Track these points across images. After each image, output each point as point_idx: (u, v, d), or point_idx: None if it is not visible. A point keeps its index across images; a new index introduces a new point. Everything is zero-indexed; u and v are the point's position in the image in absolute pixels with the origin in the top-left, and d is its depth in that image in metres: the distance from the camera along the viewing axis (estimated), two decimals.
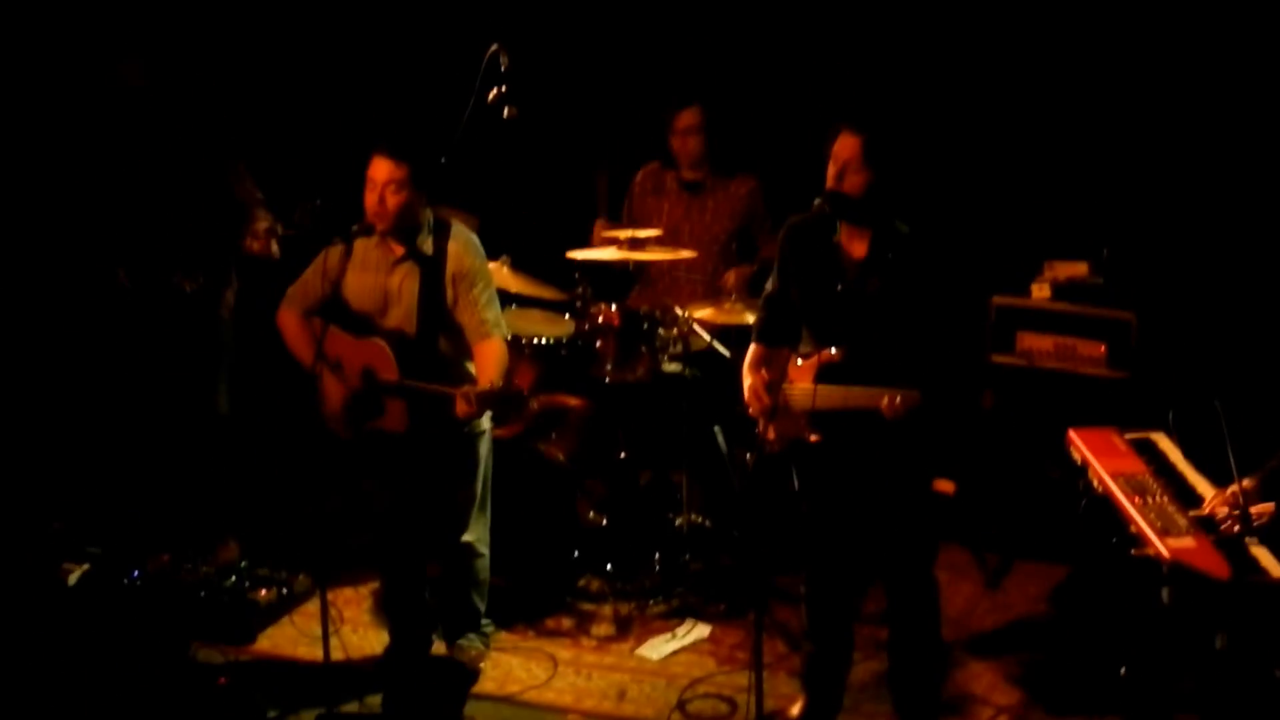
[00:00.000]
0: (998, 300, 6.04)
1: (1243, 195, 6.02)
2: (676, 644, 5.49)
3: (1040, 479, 5.68)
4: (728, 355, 5.68)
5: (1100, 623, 5.22)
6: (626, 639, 5.52)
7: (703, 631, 5.56)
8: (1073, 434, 4.77)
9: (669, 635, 5.54)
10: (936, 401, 4.31)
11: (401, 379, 4.90)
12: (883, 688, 4.94)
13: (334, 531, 5.62)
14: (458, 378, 4.97)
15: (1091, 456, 4.64)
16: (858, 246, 4.51)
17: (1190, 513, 4.31)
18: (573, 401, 6.06)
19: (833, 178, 4.44)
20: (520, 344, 5.81)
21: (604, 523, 5.89)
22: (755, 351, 4.71)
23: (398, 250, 5.02)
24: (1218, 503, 4.31)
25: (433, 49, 6.94)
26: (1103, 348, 5.88)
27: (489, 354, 4.99)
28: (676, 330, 5.78)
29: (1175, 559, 4.11)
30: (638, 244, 5.77)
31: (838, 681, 4.87)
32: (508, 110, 5.58)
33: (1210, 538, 4.18)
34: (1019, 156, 6.34)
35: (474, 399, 4.76)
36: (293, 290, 5.19)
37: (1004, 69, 6.33)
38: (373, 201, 4.92)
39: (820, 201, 4.47)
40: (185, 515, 5.99)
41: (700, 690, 5.18)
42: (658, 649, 5.45)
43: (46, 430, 6.55)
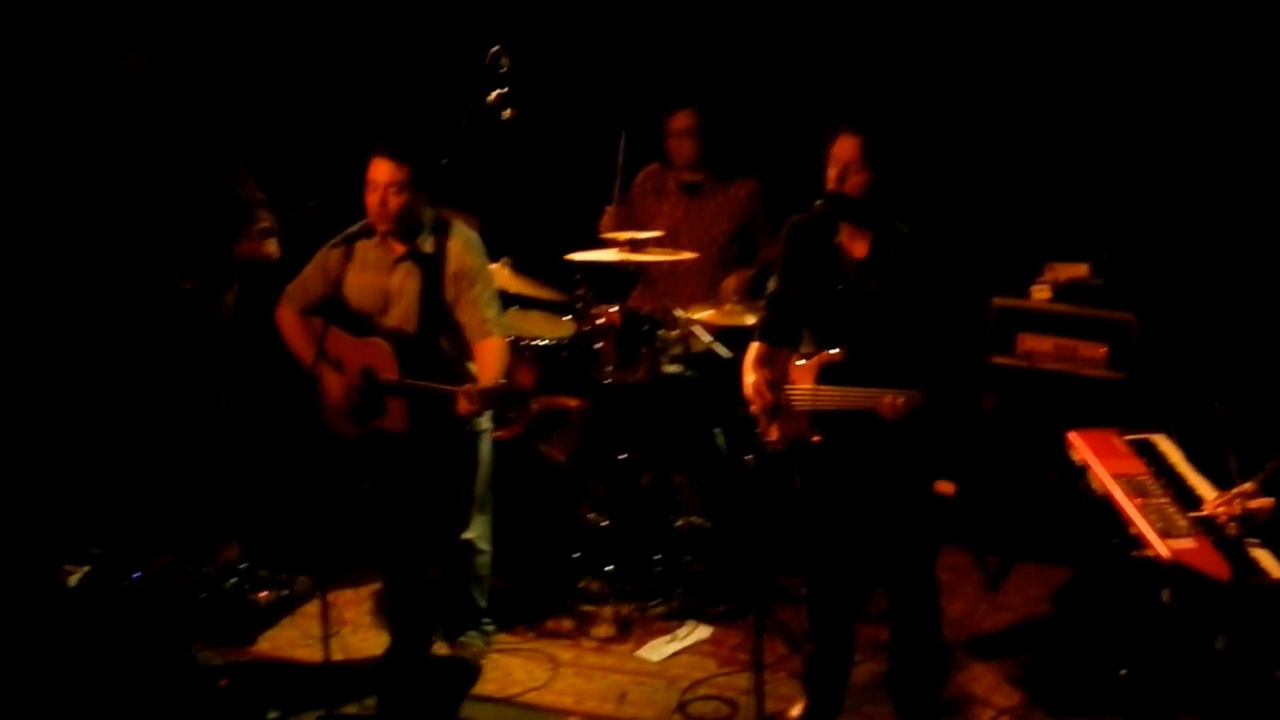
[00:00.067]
0: (998, 301, 6.04)
1: (1243, 197, 6.02)
2: (677, 645, 5.48)
3: (1041, 480, 5.68)
4: (728, 357, 5.68)
5: (1101, 624, 5.21)
6: (627, 640, 5.52)
7: (703, 633, 5.56)
8: (1073, 435, 4.78)
9: (670, 636, 5.54)
10: (938, 402, 4.32)
11: (402, 378, 4.90)
12: (883, 689, 4.94)
13: (334, 532, 5.62)
14: (458, 377, 4.97)
15: (1092, 458, 4.65)
16: (859, 247, 4.51)
17: (1190, 514, 4.31)
18: (573, 403, 6.06)
19: (833, 179, 4.44)
20: (521, 345, 5.81)
21: (604, 524, 5.89)
22: (757, 349, 4.71)
23: (398, 249, 5.03)
24: (1218, 504, 4.32)
25: (433, 50, 6.94)
26: (1103, 349, 5.88)
27: (490, 352, 4.99)
28: (677, 332, 5.79)
29: (1175, 560, 4.11)
30: (638, 245, 5.77)
31: (839, 682, 4.87)
32: (508, 111, 5.58)
33: (1210, 539, 4.19)
34: (1019, 158, 6.34)
35: (476, 396, 4.76)
36: (291, 288, 5.20)
37: (1004, 70, 6.33)
38: (374, 203, 4.93)
39: (821, 202, 4.47)
40: (186, 516, 5.99)
41: (701, 692, 5.18)
42: (658, 650, 5.45)
43: (47, 431, 6.54)
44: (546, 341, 5.87)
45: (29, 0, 6.71)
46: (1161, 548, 4.15)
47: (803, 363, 4.55)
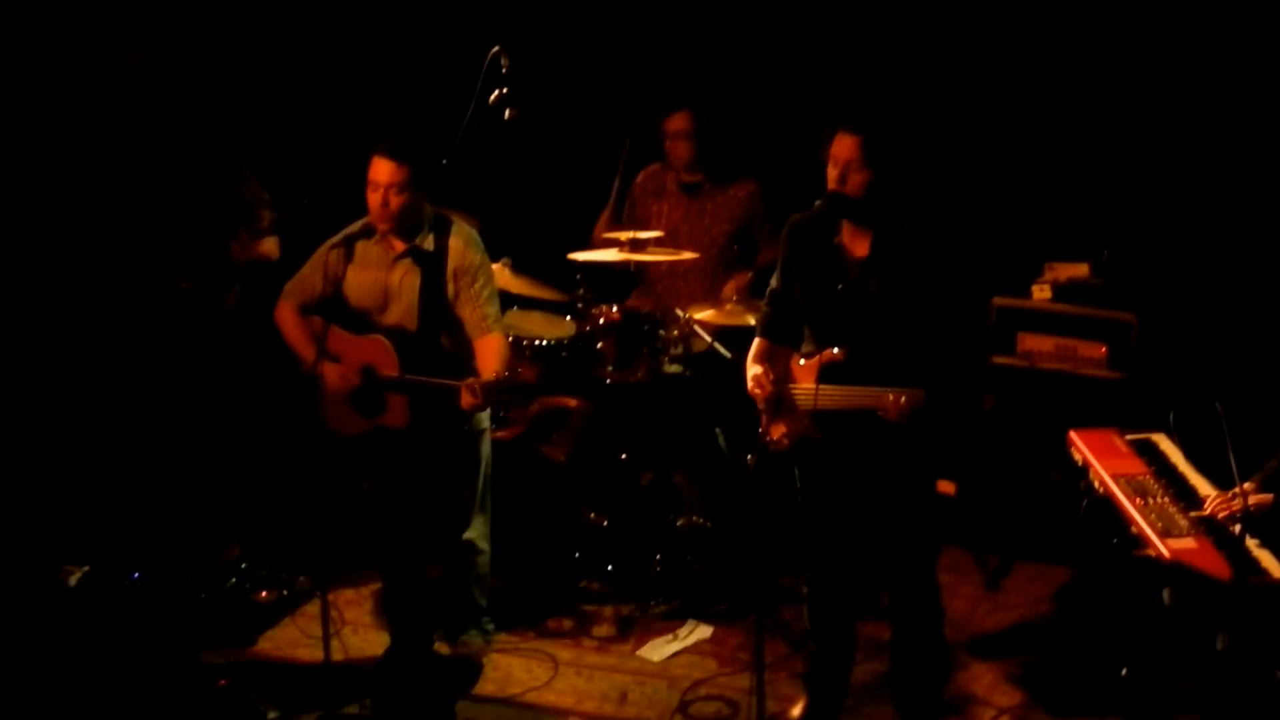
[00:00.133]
0: (998, 301, 6.04)
1: (1243, 197, 6.02)
2: (678, 645, 5.48)
3: (1041, 480, 5.68)
4: (729, 357, 5.68)
5: (1101, 624, 5.22)
6: (628, 640, 5.52)
7: (704, 632, 5.56)
8: (1073, 435, 4.78)
9: (670, 636, 5.53)
10: (939, 402, 4.32)
11: (403, 374, 4.90)
12: (884, 689, 4.94)
13: (334, 532, 5.62)
14: (459, 374, 4.96)
15: (1092, 457, 4.65)
16: (859, 246, 4.51)
17: (1191, 514, 4.31)
18: (573, 403, 6.06)
19: (834, 179, 4.44)
20: (521, 345, 5.81)
21: (605, 523, 5.89)
22: (759, 345, 4.71)
23: (398, 247, 5.02)
24: (1218, 503, 4.32)
25: (433, 50, 6.94)
26: (1103, 349, 5.88)
27: (491, 348, 4.98)
28: (677, 331, 5.79)
29: (1176, 560, 4.11)
30: (638, 245, 5.77)
31: (840, 682, 4.87)
32: (509, 112, 5.58)
33: (1211, 539, 4.19)
34: (1020, 158, 6.34)
35: (479, 390, 4.75)
36: (291, 286, 5.19)
37: (1004, 70, 6.33)
38: (376, 202, 4.92)
39: (821, 202, 4.47)
40: (186, 516, 5.98)
41: (702, 692, 5.17)
42: (659, 650, 5.45)
43: (47, 431, 6.54)
44: (547, 341, 5.88)
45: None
46: (1162, 547, 4.15)
47: (804, 362, 4.55)
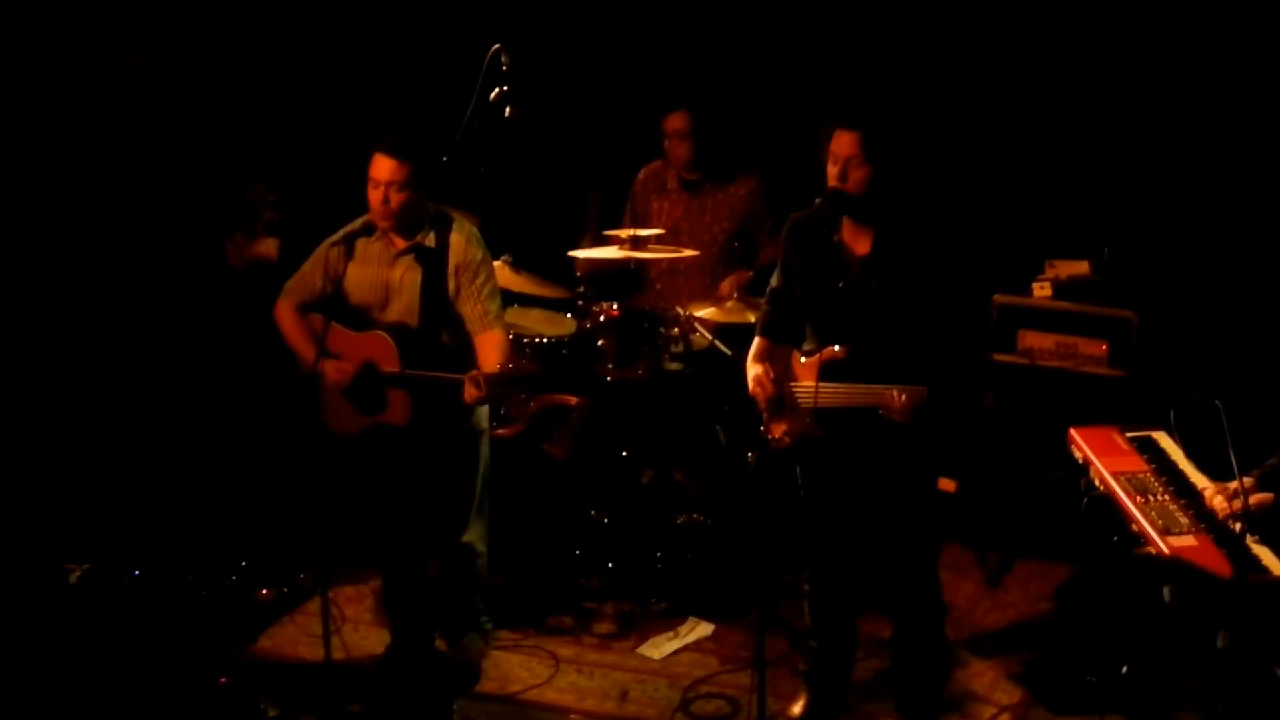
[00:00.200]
0: (999, 299, 6.04)
1: (1243, 195, 6.02)
2: (679, 643, 5.48)
3: (1041, 478, 5.68)
4: (729, 354, 5.68)
5: (1102, 621, 5.21)
6: (628, 637, 5.52)
7: (705, 630, 5.56)
8: (1074, 432, 4.77)
9: (671, 634, 5.53)
10: (940, 399, 4.32)
11: (405, 370, 4.89)
12: (885, 686, 4.94)
13: (334, 530, 5.61)
14: (460, 370, 4.95)
15: (1093, 455, 4.64)
16: (860, 244, 4.51)
17: (1191, 511, 4.30)
18: (574, 400, 6.06)
19: (835, 177, 4.44)
20: (522, 343, 5.81)
21: (605, 521, 5.89)
22: (759, 345, 4.71)
23: (399, 243, 5.02)
24: (1214, 492, 4.30)
25: (434, 49, 6.94)
26: (1104, 346, 5.88)
27: (492, 344, 4.98)
28: (678, 329, 5.79)
29: (1176, 557, 4.11)
30: (639, 243, 5.76)
31: (841, 679, 4.88)
32: (509, 110, 5.58)
33: (1211, 536, 4.18)
34: (1020, 155, 6.34)
35: (483, 382, 4.75)
36: (290, 284, 5.19)
37: (1005, 68, 6.33)
38: (377, 200, 4.92)
39: (822, 199, 4.47)
40: (187, 514, 5.98)
41: (703, 690, 5.18)
42: (660, 648, 5.45)
43: (47, 430, 6.54)
44: (547, 339, 5.88)
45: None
46: (1162, 545, 4.14)
47: (805, 360, 4.55)
